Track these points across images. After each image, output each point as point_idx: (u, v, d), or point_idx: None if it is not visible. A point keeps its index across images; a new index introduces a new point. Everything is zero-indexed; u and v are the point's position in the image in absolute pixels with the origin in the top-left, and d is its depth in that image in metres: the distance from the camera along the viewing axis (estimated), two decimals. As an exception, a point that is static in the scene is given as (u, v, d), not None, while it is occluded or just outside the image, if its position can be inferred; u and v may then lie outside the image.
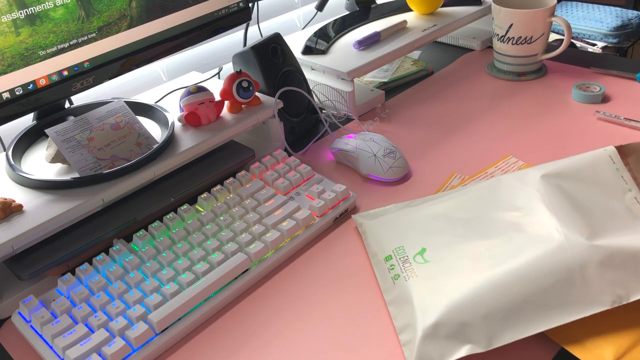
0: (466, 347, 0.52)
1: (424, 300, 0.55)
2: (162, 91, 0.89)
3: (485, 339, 0.52)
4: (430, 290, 0.56)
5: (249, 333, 0.59)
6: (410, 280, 0.58)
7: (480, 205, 0.65)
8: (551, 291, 0.53)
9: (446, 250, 0.60)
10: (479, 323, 0.52)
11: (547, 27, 0.97)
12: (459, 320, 0.53)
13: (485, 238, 0.60)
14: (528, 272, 0.54)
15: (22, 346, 0.59)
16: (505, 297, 0.53)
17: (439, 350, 0.52)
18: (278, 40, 0.87)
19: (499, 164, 0.79)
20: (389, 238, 0.64)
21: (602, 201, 0.60)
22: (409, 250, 0.61)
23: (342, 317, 0.59)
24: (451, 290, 0.55)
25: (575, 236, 0.56)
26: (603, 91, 0.91)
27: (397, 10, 1.11)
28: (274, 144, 0.84)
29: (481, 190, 0.67)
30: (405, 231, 0.65)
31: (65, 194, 0.65)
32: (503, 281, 0.54)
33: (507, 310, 0.53)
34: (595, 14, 1.70)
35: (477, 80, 1.02)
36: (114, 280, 0.62)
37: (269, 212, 0.70)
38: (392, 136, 0.88)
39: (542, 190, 0.61)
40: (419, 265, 0.59)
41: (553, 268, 0.54)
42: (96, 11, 0.69)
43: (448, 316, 0.53)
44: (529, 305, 0.53)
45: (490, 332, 0.52)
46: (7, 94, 0.64)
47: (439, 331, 0.52)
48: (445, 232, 0.62)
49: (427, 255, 0.60)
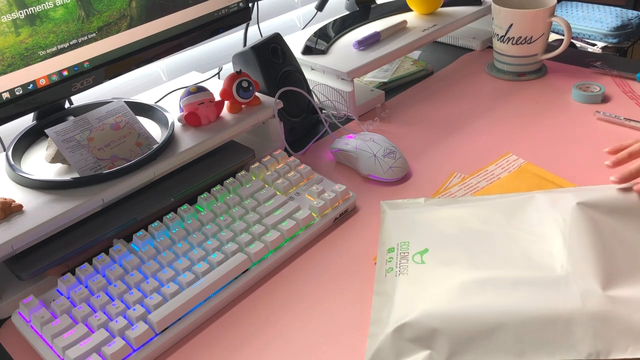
0: (425, 353, 0.51)
1: (404, 300, 0.55)
2: (162, 91, 0.89)
3: (447, 353, 0.51)
4: (414, 291, 0.56)
5: (249, 333, 0.59)
6: (400, 277, 0.58)
7: (501, 220, 0.62)
8: (529, 326, 0.51)
9: (445, 257, 0.59)
10: (447, 336, 0.51)
11: (547, 27, 0.97)
12: (428, 327, 0.52)
13: (489, 255, 0.58)
14: (514, 302, 0.52)
15: (22, 346, 0.59)
16: (481, 319, 0.52)
17: (398, 350, 0.52)
18: (278, 40, 0.87)
19: (499, 161, 0.79)
20: (400, 231, 0.64)
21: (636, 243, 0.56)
22: (412, 248, 0.61)
23: (342, 317, 0.59)
24: (433, 297, 0.54)
25: (577, 278, 0.53)
26: (603, 91, 0.91)
27: (397, 10, 1.11)
28: (274, 144, 0.84)
29: (509, 205, 0.64)
30: (417, 228, 0.64)
31: (65, 194, 0.65)
32: (485, 303, 0.53)
33: (478, 331, 0.51)
34: (595, 14, 1.70)
35: (477, 80, 1.02)
36: (114, 280, 0.62)
37: (269, 212, 0.70)
38: (392, 136, 0.88)
39: (569, 220, 0.59)
40: (415, 264, 0.59)
41: (540, 304, 0.52)
42: (96, 11, 0.69)
43: (420, 321, 0.52)
44: (502, 334, 0.51)
45: (454, 348, 0.51)
46: (7, 94, 0.64)
47: (405, 333, 0.52)
48: (454, 239, 0.61)
49: (426, 256, 0.60)
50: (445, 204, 0.68)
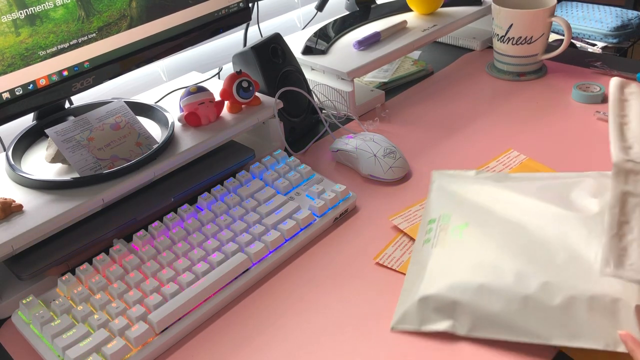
0: (448, 323, 0.55)
1: (435, 272, 0.57)
2: (162, 91, 0.89)
3: (469, 326, 0.54)
4: (446, 264, 0.58)
5: (249, 333, 0.59)
6: (436, 249, 0.60)
7: (545, 203, 0.61)
8: (551, 311, 0.52)
9: (483, 235, 0.59)
10: (470, 310, 0.54)
11: (547, 27, 0.97)
12: (453, 300, 0.54)
13: (526, 238, 0.58)
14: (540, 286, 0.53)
15: (22, 346, 0.59)
16: (506, 298, 0.53)
17: (422, 317, 0.56)
18: (278, 40, 0.87)
19: (500, 157, 0.79)
20: (444, 203, 0.65)
21: None
22: (453, 221, 0.62)
23: (342, 317, 0.59)
24: (462, 272, 0.56)
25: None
26: (603, 91, 0.91)
27: (397, 10, 1.11)
28: (274, 144, 0.84)
29: (557, 187, 0.63)
30: (461, 202, 0.64)
31: (65, 194, 0.65)
32: (511, 284, 0.53)
33: (501, 310, 0.53)
34: (595, 14, 1.70)
35: (477, 81, 1.02)
36: (114, 280, 0.62)
37: (269, 212, 0.70)
38: (392, 136, 0.88)
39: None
40: (452, 238, 0.60)
41: (565, 291, 0.52)
42: (96, 11, 0.69)
43: (446, 294, 0.55)
44: (524, 315, 0.52)
45: (476, 322, 0.53)
46: (7, 94, 0.64)
47: (430, 303, 0.55)
48: (495, 218, 0.61)
49: (465, 231, 0.60)
50: (495, 179, 0.68)
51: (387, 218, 0.71)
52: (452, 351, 0.54)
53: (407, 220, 0.70)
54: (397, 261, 0.65)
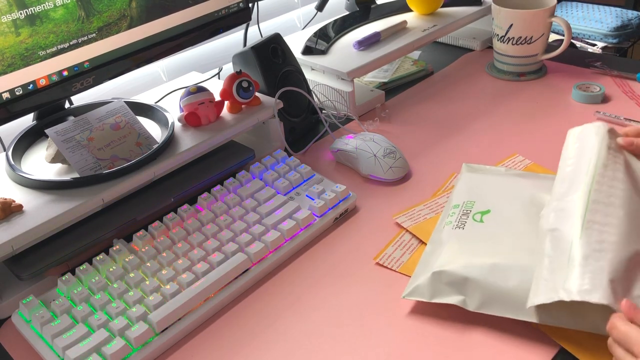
0: (458, 298, 0.56)
1: (453, 250, 0.59)
2: (162, 91, 0.89)
3: (478, 302, 0.55)
4: (464, 245, 0.59)
5: (249, 333, 0.59)
6: (456, 231, 0.61)
7: None
8: None
9: (504, 222, 0.61)
10: (482, 287, 0.55)
11: (547, 27, 0.97)
12: (466, 276, 0.55)
13: None
14: None
15: (22, 346, 0.59)
16: (518, 279, 0.54)
17: (434, 290, 0.57)
18: (278, 40, 0.87)
19: (505, 162, 0.79)
20: (470, 192, 0.67)
21: None
22: (476, 207, 0.64)
23: (342, 317, 0.59)
24: (479, 252, 0.57)
25: None
26: (603, 91, 0.91)
27: (397, 10, 1.11)
28: (274, 144, 0.84)
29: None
30: (487, 190, 0.66)
31: (65, 194, 0.65)
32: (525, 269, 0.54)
33: (512, 289, 0.54)
34: (595, 14, 1.70)
35: (477, 81, 1.02)
36: (114, 280, 0.62)
37: (269, 212, 0.70)
38: (392, 136, 0.88)
39: None
40: (474, 222, 0.62)
41: None
42: (96, 11, 0.69)
43: (460, 271, 0.56)
44: None
45: (486, 299, 0.54)
46: (7, 94, 0.64)
47: (443, 277, 0.57)
48: (518, 208, 0.62)
49: (487, 216, 0.62)
50: (522, 175, 0.69)
51: (387, 218, 0.71)
52: (452, 351, 0.54)
53: (410, 219, 0.70)
54: (397, 261, 0.65)
